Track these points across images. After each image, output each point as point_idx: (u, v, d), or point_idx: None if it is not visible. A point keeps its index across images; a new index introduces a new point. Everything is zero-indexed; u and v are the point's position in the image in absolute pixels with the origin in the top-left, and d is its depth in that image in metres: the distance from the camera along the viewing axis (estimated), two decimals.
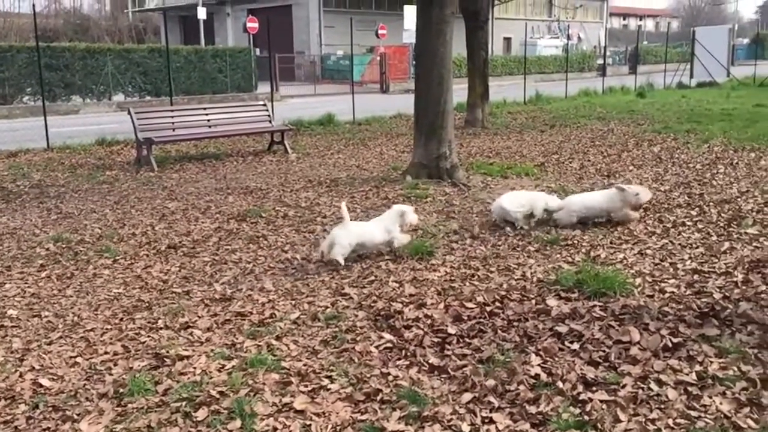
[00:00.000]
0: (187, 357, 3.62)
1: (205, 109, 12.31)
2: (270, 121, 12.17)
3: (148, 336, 3.99)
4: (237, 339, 3.86)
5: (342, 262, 5.05)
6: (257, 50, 27.26)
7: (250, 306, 4.41)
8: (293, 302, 4.44)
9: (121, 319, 4.30)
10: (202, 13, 31.62)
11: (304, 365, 3.48)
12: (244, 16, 30.48)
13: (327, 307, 4.31)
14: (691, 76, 26.90)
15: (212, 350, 3.71)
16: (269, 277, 5.01)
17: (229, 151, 12.03)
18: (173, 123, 11.26)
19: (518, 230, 5.92)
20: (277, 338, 3.84)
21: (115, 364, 3.61)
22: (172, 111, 11.94)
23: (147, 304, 4.55)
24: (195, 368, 3.48)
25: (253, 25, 25.58)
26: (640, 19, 70.21)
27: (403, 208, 5.42)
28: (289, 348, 3.71)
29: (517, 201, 6.05)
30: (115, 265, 5.48)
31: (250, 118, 12.12)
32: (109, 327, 4.17)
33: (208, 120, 11.56)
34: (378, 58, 31.29)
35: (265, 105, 12.46)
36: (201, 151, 12.08)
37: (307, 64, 34.76)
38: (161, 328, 4.09)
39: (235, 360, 3.56)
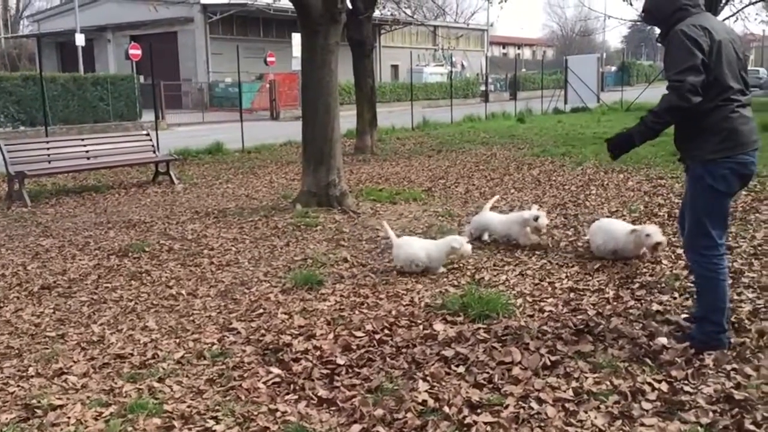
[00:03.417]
0: (61, 406, 3.40)
1: (83, 139, 11.75)
2: (154, 151, 11.81)
3: (18, 386, 3.72)
4: (116, 383, 3.67)
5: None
6: (141, 77, 26.41)
7: (130, 347, 4.21)
8: (177, 340, 4.29)
9: None
10: (80, 40, 30.23)
11: (188, 407, 3.36)
12: (127, 43, 29.49)
13: (213, 344, 4.19)
14: (566, 102, 28.55)
15: (88, 397, 3.51)
16: (152, 315, 4.82)
17: (110, 183, 11.54)
18: (48, 155, 10.68)
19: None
20: (160, 380, 3.69)
21: None
22: (47, 142, 11.31)
23: (17, 351, 4.25)
24: (69, 418, 3.27)
25: (136, 52, 24.86)
26: (518, 48, 74.06)
27: (456, 239, 5.52)
28: (173, 390, 3.57)
29: None
30: None
31: (132, 148, 11.71)
32: None
33: (87, 151, 11.05)
34: (268, 85, 31.14)
35: (148, 134, 12.08)
36: (80, 184, 11.52)
37: (194, 91, 34.02)
38: (32, 376, 3.83)
39: (113, 406, 3.39)
